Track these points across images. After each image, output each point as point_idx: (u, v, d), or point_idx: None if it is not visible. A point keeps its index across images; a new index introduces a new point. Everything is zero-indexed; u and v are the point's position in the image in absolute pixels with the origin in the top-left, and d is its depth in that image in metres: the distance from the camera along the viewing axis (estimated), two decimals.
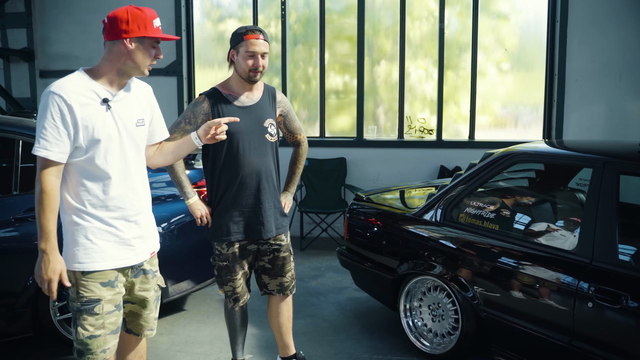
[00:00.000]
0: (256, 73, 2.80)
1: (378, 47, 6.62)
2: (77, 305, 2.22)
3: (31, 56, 6.75)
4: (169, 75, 6.46)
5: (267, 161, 2.89)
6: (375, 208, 4.03)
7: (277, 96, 2.99)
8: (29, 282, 3.38)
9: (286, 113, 3.05)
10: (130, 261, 2.30)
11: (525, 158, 3.31)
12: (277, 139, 2.97)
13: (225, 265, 2.92)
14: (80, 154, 2.17)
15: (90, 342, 2.23)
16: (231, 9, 6.80)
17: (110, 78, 2.22)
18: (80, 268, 2.20)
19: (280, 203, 3.00)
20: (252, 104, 2.88)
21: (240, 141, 2.82)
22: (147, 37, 2.19)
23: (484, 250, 3.20)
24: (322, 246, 6.13)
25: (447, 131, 6.62)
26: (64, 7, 6.71)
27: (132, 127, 2.28)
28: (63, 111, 2.09)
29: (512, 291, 3.01)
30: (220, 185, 2.87)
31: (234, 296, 2.98)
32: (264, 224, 2.89)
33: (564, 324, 2.78)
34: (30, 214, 3.40)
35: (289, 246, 3.03)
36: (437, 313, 3.49)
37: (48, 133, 2.09)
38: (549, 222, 3.14)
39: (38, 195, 2.12)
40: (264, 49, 2.79)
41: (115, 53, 2.19)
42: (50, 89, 2.12)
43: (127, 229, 2.28)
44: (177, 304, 4.43)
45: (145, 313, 2.45)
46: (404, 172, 6.43)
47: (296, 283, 3.16)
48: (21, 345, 3.69)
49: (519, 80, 6.52)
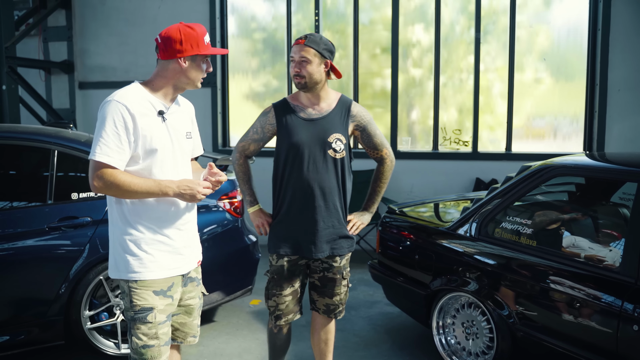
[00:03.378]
0: (299, 80, 2.69)
1: (412, 57, 6.54)
2: (130, 314, 2.27)
3: (71, 68, 6.92)
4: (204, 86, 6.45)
5: (326, 178, 2.72)
6: (408, 221, 3.95)
7: (353, 109, 2.80)
8: (61, 290, 3.42)
9: (363, 127, 2.83)
10: (181, 270, 2.35)
11: (564, 171, 3.18)
12: (346, 156, 2.78)
13: (274, 278, 2.82)
14: (136, 164, 2.23)
15: (144, 352, 2.26)
16: (265, 21, 6.84)
17: (165, 92, 2.29)
18: (135, 277, 2.24)
19: (341, 224, 2.81)
20: (318, 117, 2.75)
21: (299, 154, 2.70)
22: (200, 54, 2.24)
23: (520, 267, 3.07)
24: (354, 259, 5.97)
25: (483, 143, 6.47)
26: (103, 20, 6.87)
27: (182, 139, 2.36)
28: (126, 120, 2.15)
29: (550, 310, 2.88)
30: (279, 196, 2.79)
31: (275, 313, 2.85)
32: (316, 243, 2.74)
33: (607, 348, 2.63)
34: (63, 223, 3.44)
35: (341, 269, 2.86)
36: (471, 331, 3.37)
37: (110, 140, 2.14)
38: (590, 239, 3.00)
39: (112, 190, 2.15)
40: (303, 54, 2.66)
41: (171, 71, 2.26)
42: (115, 99, 2.18)
43: (178, 238, 2.33)
44: (207, 315, 4.42)
45: (189, 320, 2.50)
46: (438, 185, 6.30)
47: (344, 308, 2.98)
48: (54, 353, 3.72)
49: (558, 90, 6.32)
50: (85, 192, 3.57)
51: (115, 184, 2.14)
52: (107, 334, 3.63)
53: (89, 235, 3.47)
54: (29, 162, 3.81)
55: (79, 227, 3.47)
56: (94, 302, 3.57)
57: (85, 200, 3.56)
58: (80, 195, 3.57)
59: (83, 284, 3.47)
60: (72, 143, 3.61)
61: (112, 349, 3.59)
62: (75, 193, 3.57)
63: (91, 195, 3.56)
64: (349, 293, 2.98)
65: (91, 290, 3.51)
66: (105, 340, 3.60)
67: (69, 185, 3.60)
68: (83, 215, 3.49)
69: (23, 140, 3.60)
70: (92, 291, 3.52)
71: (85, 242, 3.46)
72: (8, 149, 3.63)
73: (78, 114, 6.99)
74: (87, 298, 3.50)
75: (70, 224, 3.46)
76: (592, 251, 2.91)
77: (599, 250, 2.89)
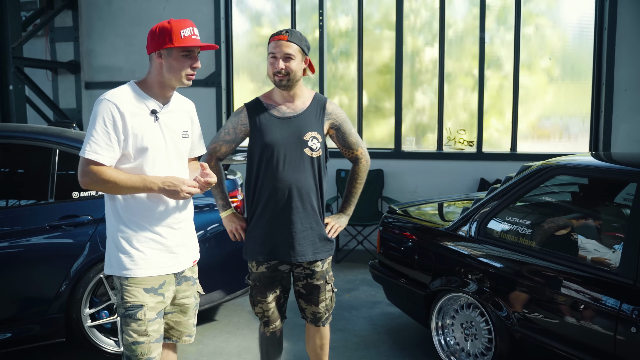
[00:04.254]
0: (281, 77, 2.58)
1: (417, 57, 6.52)
2: (121, 310, 2.30)
3: (77, 68, 6.97)
4: (208, 86, 6.54)
5: (302, 178, 2.63)
6: (408, 221, 3.93)
7: (328, 107, 2.72)
8: (62, 288, 3.44)
9: (338, 125, 2.75)
10: (174, 268, 2.36)
11: (563, 171, 3.15)
12: (322, 155, 2.69)
13: (256, 285, 2.75)
14: (128, 162, 2.25)
15: (135, 348, 2.29)
16: (270, 20, 6.85)
17: (157, 90, 2.31)
18: (126, 274, 2.26)
19: (320, 225, 2.71)
20: (293, 115, 2.66)
21: (274, 154, 2.61)
22: (174, 47, 2.22)
23: (519, 268, 3.05)
24: (357, 259, 6.04)
25: (488, 143, 6.43)
26: (109, 21, 6.92)
27: (178, 138, 2.36)
28: (116, 118, 2.18)
29: (548, 312, 2.86)
30: (254, 199, 2.69)
31: (264, 319, 2.81)
32: (294, 246, 2.64)
33: (604, 349, 2.60)
34: (64, 221, 3.47)
35: (324, 274, 2.75)
36: (470, 332, 3.35)
37: (99, 138, 2.17)
38: (589, 240, 2.97)
39: (98, 185, 2.18)
40: (287, 50, 2.55)
41: (154, 66, 2.29)
42: (106, 97, 2.20)
43: (170, 236, 2.34)
44: (209, 314, 4.43)
45: (184, 319, 2.50)
46: (442, 185, 6.27)
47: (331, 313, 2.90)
48: (54, 350, 3.75)
49: (564, 90, 6.27)
50: (86, 191, 3.59)
51: (101, 180, 2.17)
52: (107, 332, 3.65)
53: (90, 233, 3.49)
54: (31, 161, 3.84)
55: (79, 226, 3.49)
56: (94, 300, 3.59)
57: (86, 199, 3.58)
58: (81, 194, 3.59)
59: (83, 282, 3.49)
60: (73, 142, 3.63)
61: (112, 346, 3.61)
62: (76, 192, 3.60)
63: (92, 194, 3.58)
64: (335, 298, 2.88)
65: (91, 289, 3.53)
66: (106, 338, 3.61)
67: (70, 184, 3.62)
68: (84, 214, 3.52)
69: (25, 139, 3.62)
70: (92, 289, 3.54)
71: (85, 241, 3.48)
72: (11, 148, 3.67)
73: (84, 114, 7.04)
74: (87, 296, 3.53)
75: (71, 222, 3.48)
76: (591, 252, 2.89)
77: (598, 251, 2.87)
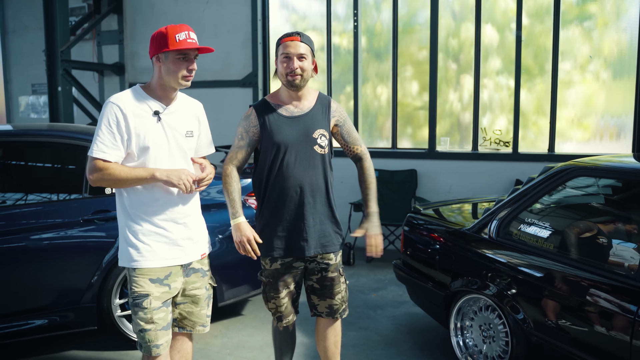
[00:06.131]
0: (294, 77, 2.64)
1: (452, 56, 6.45)
2: (131, 300, 2.44)
3: (122, 70, 7.28)
4: (245, 86, 6.69)
5: (313, 174, 2.71)
6: (431, 221, 3.92)
7: (332, 105, 2.81)
8: (94, 279, 3.63)
9: (342, 123, 2.84)
10: (179, 260, 2.48)
11: (585, 172, 3.08)
12: (329, 152, 2.79)
13: (269, 281, 2.80)
14: (133, 160, 2.40)
15: (143, 335, 2.43)
16: (306, 21, 6.93)
17: (159, 92, 2.44)
18: (133, 265, 2.41)
19: (330, 219, 2.78)
20: (301, 114, 2.73)
21: (286, 153, 2.67)
22: (169, 51, 2.34)
23: (537, 271, 2.99)
24: (388, 258, 6.00)
25: (525, 143, 6.29)
26: (152, 24, 7.18)
27: (181, 138, 2.48)
28: (119, 119, 2.33)
29: (564, 316, 2.80)
30: (265, 198, 2.74)
31: (277, 314, 2.86)
32: (308, 240, 2.71)
33: (620, 355, 2.53)
34: (97, 216, 3.65)
35: (337, 266, 2.82)
36: (488, 334, 3.32)
37: (105, 138, 2.33)
38: (609, 244, 2.89)
39: (105, 179, 2.34)
40: (301, 50, 2.63)
41: (155, 70, 2.44)
42: (110, 100, 2.37)
43: (175, 230, 2.46)
44: (236, 308, 4.55)
45: (196, 310, 2.60)
46: (477, 186, 6.19)
47: (348, 305, 2.94)
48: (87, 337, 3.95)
49: (605, 89, 6.06)
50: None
51: (107, 174, 2.32)
52: None
53: None
54: (68, 158, 4.06)
55: (110, 220, 3.66)
56: (124, 291, 3.76)
57: None
58: (113, 190, 3.76)
59: (114, 274, 3.67)
60: None
61: None
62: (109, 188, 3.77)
63: None
64: (348, 290, 2.94)
65: (121, 280, 3.71)
66: None
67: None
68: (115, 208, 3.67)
69: (63, 137, 3.84)
70: (122, 280, 3.71)
71: (116, 234, 3.63)
72: (50, 146, 3.90)
73: None
74: (117, 287, 3.70)
75: (103, 216, 3.66)
76: (610, 256, 2.81)
77: (616, 255, 2.79)
